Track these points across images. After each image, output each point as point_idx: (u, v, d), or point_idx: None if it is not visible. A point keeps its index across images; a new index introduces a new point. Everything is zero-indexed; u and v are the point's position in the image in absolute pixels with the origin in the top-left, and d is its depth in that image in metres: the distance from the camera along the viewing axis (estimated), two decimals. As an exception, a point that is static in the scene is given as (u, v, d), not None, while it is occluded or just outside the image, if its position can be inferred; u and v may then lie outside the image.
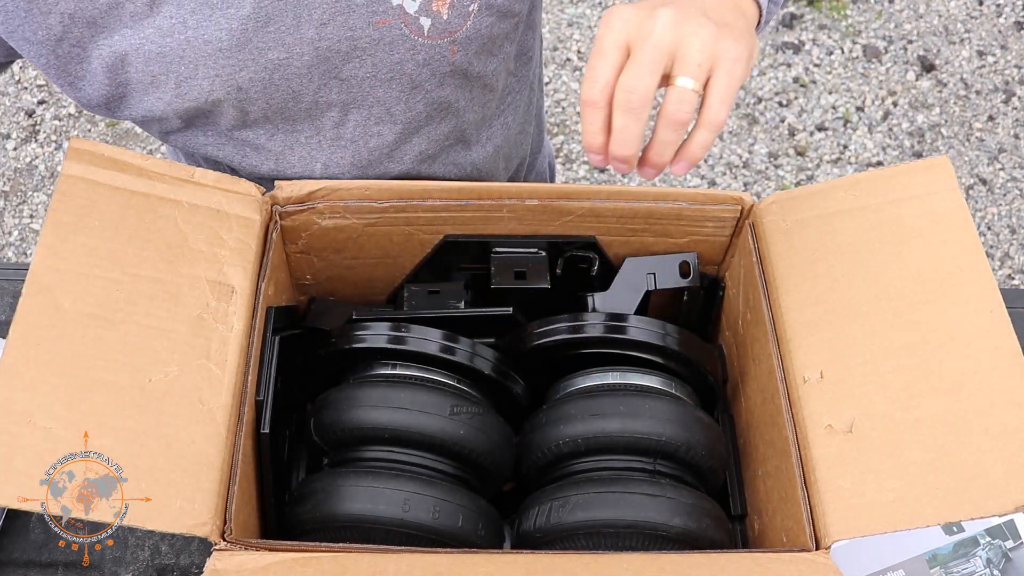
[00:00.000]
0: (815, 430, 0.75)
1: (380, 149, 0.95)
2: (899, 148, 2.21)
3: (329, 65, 0.85)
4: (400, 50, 0.85)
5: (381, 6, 0.82)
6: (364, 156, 0.96)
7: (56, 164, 2.16)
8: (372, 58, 0.85)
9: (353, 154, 0.95)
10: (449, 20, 0.84)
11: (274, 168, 0.97)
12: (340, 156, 0.95)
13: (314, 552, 0.68)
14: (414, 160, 0.99)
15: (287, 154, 0.95)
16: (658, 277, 0.87)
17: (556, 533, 0.77)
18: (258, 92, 0.86)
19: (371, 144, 0.95)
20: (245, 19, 0.80)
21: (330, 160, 0.95)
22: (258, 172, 0.98)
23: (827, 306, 0.81)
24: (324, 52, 0.84)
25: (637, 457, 0.80)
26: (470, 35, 0.86)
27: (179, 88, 0.85)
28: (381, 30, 0.83)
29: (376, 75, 0.87)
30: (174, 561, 0.90)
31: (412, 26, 0.83)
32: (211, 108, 0.88)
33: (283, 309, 0.83)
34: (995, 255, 2.08)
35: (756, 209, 0.88)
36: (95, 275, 0.76)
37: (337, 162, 0.96)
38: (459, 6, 0.83)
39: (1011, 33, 2.38)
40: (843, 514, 0.71)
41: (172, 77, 0.84)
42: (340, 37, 0.83)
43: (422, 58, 0.86)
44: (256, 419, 0.78)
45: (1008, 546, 0.94)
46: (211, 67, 0.83)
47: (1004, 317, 0.77)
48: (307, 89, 0.87)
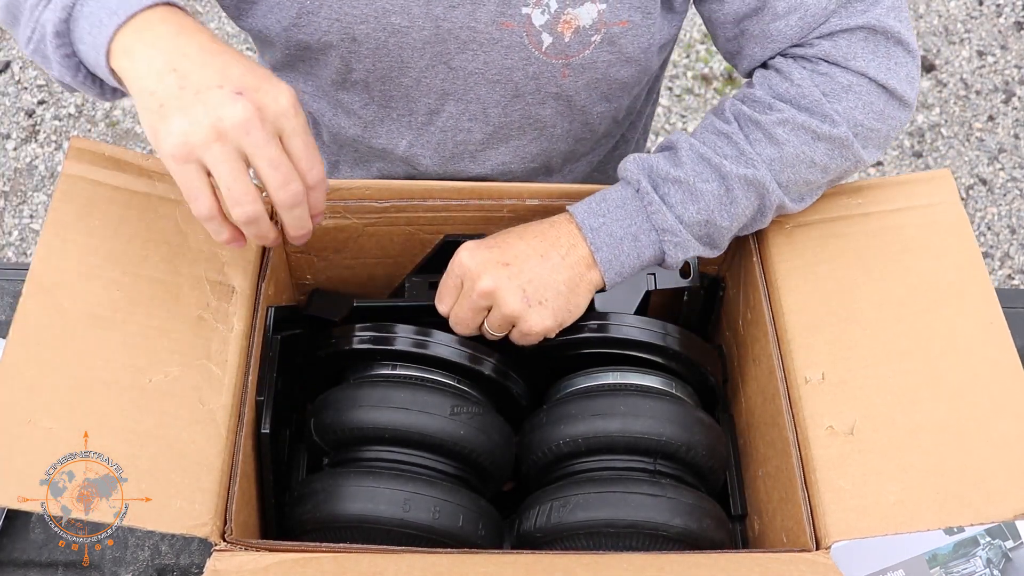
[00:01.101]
0: (816, 431, 0.75)
1: (466, 146, 0.96)
2: (899, 148, 2.21)
3: (443, 47, 0.86)
4: (514, 57, 0.86)
5: (511, 9, 0.82)
6: (449, 148, 0.96)
7: (56, 164, 2.16)
8: (486, 55, 0.86)
9: (439, 142, 0.96)
10: (569, 43, 0.85)
11: (360, 135, 0.98)
12: (426, 140, 0.96)
13: (314, 552, 0.68)
14: (495, 168, 0.99)
15: (376, 125, 0.96)
16: (658, 277, 0.87)
17: (556, 533, 0.77)
18: (369, 50, 0.86)
19: (458, 138, 0.95)
20: None
21: (415, 141, 0.96)
22: (344, 134, 0.99)
23: (829, 308, 0.81)
24: (444, 33, 0.84)
25: (638, 457, 0.80)
26: (585, 64, 0.87)
27: (299, 18, 0.85)
28: (503, 31, 0.84)
29: (484, 73, 0.88)
30: (174, 561, 0.90)
31: (533, 38, 0.84)
32: (319, 53, 0.88)
33: (284, 309, 0.83)
34: (995, 255, 2.07)
35: (756, 209, 0.88)
36: (95, 275, 0.76)
37: (422, 144, 0.96)
38: (583, 33, 0.84)
39: (1011, 33, 2.38)
40: (843, 515, 0.71)
41: (296, 5, 0.84)
42: (463, 24, 0.83)
43: (533, 71, 0.87)
44: (256, 419, 0.78)
45: (1008, 546, 0.94)
46: (335, 8, 0.83)
47: (1004, 330, 0.78)
48: (415, 64, 0.88)
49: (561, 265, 0.80)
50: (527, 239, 0.81)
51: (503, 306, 0.79)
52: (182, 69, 0.66)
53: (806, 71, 0.82)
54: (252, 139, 0.65)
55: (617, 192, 0.82)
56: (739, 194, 0.80)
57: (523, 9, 0.82)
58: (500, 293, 0.79)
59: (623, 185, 0.83)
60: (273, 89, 0.67)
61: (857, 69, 0.81)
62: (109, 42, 0.68)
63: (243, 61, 0.68)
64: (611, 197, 0.82)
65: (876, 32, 0.81)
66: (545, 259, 0.80)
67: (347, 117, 0.96)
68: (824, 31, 0.82)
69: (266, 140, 0.66)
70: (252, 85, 0.66)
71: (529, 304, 0.79)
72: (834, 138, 0.81)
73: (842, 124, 0.81)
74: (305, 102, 0.97)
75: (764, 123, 0.81)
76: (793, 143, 0.80)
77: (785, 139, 0.80)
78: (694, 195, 0.80)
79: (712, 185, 0.79)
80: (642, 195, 0.81)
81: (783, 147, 0.80)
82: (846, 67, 0.82)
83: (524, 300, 0.79)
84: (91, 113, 2.24)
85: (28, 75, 2.29)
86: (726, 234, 0.82)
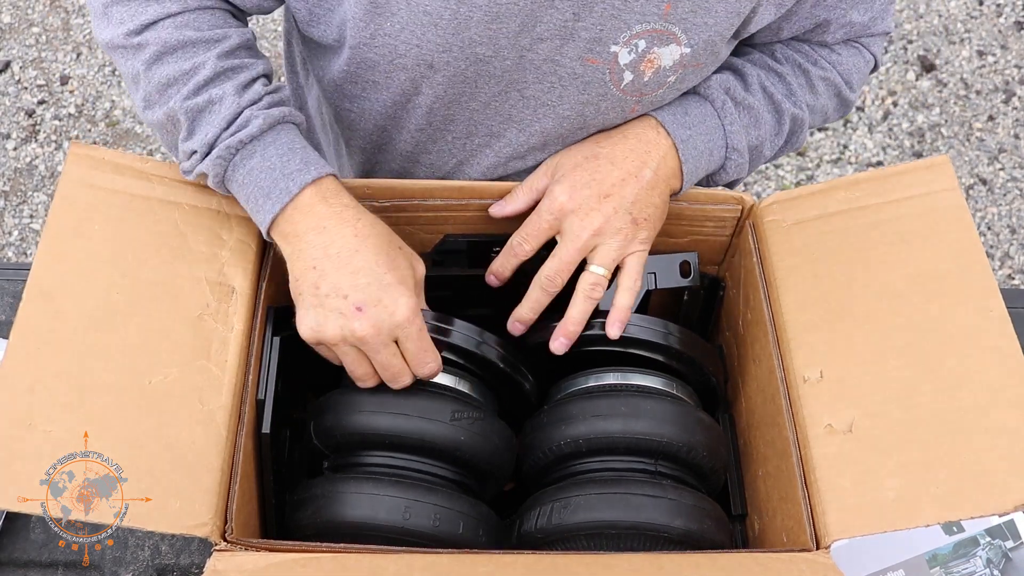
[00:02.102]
0: (815, 430, 0.75)
1: (520, 171, 0.94)
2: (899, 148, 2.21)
3: (521, 77, 0.84)
4: (592, 93, 0.85)
5: (599, 47, 0.81)
6: (498, 173, 0.94)
7: (56, 164, 2.16)
8: (563, 89, 0.84)
9: (490, 166, 0.93)
10: (647, 83, 0.84)
11: (407, 150, 0.95)
12: (476, 163, 0.93)
13: (314, 552, 0.68)
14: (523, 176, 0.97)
15: (427, 144, 0.93)
16: (658, 276, 0.87)
17: (557, 534, 0.77)
18: (444, 77, 0.84)
19: (510, 164, 0.93)
20: (475, 8, 0.78)
21: (464, 162, 0.94)
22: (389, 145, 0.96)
23: (827, 306, 0.81)
24: (525, 64, 0.83)
25: (638, 458, 0.80)
26: (655, 100, 0.87)
27: (373, 38, 0.83)
28: (587, 68, 0.82)
29: (557, 106, 0.86)
30: (174, 561, 0.90)
31: (615, 76, 0.83)
32: (385, 75, 0.86)
33: (283, 309, 0.83)
34: (995, 255, 2.08)
35: (756, 209, 0.88)
36: (96, 277, 0.76)
37: (471, 165, 0.94)
38: (661, 73, 0.84)
39: (1011, 33, 2.38)
40: (843, 514, 0.71)
41: (373, 25, 0.82)
42: (547, 58, 0.82)
43: (606, 106, 0.86)
44: (256, 419, 0.78)
45: (1008, 546, 0.94)
46: (416, 34, 0.81)
47: (1004, 316, 0.77)
48: (488, 91, 0.86)
49: (654, 180, 0.83)
50: (618, 162, 0.82)
51: (614, 240, 0.80)
52: (320, 268, 0.76)
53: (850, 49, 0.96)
54: (368, 347, 0.76)
55: (698, 107, 0.87)
56: (786, 127, 0.91)
57: (612, 48, 0.81)
58: (609, 228, 0.81)
59: (701, 100, 0.87)
60: (392, 304, 0.75)
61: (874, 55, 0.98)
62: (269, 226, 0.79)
63: (374, 268, 0.76)
64: (693, 111, 0.86)
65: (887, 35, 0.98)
66: (640, 178, 0.82)
67: (398, 133, 0.93)
68: None
69: (379, 347, 0.76)
70: (373, 299, 0.75)
71: (635, 226, 0.82)
72: (849, 104, 0.97)
73: (857, 94, 0.97)
74: (353, 119, 0.94)
75: (811, 73, 0.93)
76: (824, 97, 0.94)
77: (822, 91, 0.94)
78: (757, 122, 0.88)
79: (769, 116, 0.88)
80: (724, 113, 0.86)
81: (819, 98, 0.93)
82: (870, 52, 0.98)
83: (633, 225, 0.81)
84: (91, 113, 2.24)
85: (28, 75, 2.29)
86: (761, 163, 0.92)
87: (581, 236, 0.83)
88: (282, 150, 0.79)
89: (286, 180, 0.77)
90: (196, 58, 0.79)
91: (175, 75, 0.79)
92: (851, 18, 0.90)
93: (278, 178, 0.77)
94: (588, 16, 0.79)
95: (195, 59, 0.79)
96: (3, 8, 2.38)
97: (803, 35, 0.93)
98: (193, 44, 0.79)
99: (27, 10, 2.38)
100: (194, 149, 0.79)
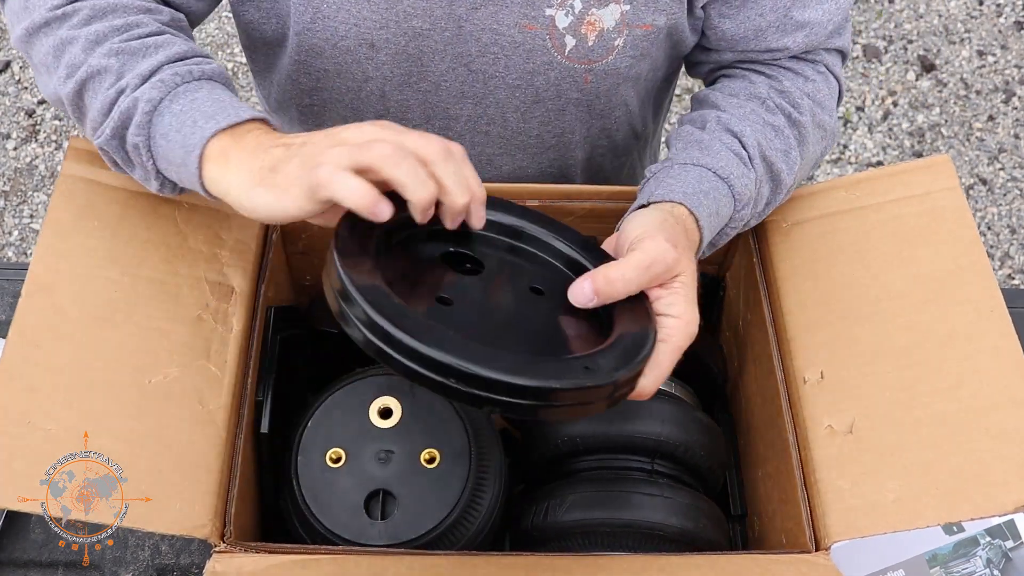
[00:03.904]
0: (815, 431, 0.75)
1: (483, 149, 0.94)
2: (899, 148, 2.20)
3: (464, 49, 0.84)
4: (536, 61, 0.85)
5: (534, 11, 0.81)
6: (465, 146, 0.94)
7: (56, 164, 2.16)
8: (507, 59, 0.85)
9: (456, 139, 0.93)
10: (592, 48, 0.84)
11: None
12: None
13: (313, 554, 0.68)
14: (511, 174, 0.98)
15: None
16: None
17: (553, 532, 0.77)
18: (388, 55, 0.85)
19: (476, 142, 0.94)
20: None
21: None
22: None
23: (828, 306, 0.81)
24: (465, 35, 0.83)
25: (635, 457, 0.80)
26: (608, 70, 0.86)
27: (314, 22, 0.83)
28: (526, 34, 0.83)
29: (505, 77, 0.86)
30: (174, 561, 0.90)
31: (556, 41, 0.83)
32: (333, 61, 0.86)
33: (283, 309, 0.83)
34: (995, 255, 2.07)
35: (756, 209, 0.88)
36: (95, 275, 0.76)
37: None
38: (606, 36, 0.83)
39: (1011, 33, 2.38)
40: (843, 515, 0.71)
41: (312, 8, 0.82)
42: (485, 26, 0.82)
43: (554, 76, 0.86)
44: (256, 420, 0.78)
45: (1008, 546, 0.94)
46: (352, 12, 0.82)
47: (1005, 316, 0.77)
48: (435, 68, 0.86)
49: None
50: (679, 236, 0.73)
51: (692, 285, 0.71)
52: (283, 142, 0.65)
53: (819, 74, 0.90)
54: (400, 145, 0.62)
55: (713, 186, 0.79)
56: (781, 197, 0.85)
57: (547, 11, 0.81)
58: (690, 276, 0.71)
59: (717, 179, 0.79)
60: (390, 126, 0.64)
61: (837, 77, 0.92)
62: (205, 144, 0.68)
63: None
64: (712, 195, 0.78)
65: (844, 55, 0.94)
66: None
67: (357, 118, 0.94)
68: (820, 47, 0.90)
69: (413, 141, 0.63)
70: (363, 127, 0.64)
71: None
72: (832, 132, 0.90)
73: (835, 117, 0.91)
74: (316, 115, 0.94)
75: (803, 124, 0.85)
76: (814, 143, 0.87)
77: (814, 141, 0.87)
78: (756, 200, 0.82)
79: (766, 188, 0.83)
80: (737, 197, 0.79)
81: (811, 148, 0.87)
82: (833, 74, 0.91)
83: None
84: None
85: (28, 75, 2.29)
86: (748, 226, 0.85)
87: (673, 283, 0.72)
88: (231, 96, 0.73)
89: (236, 109, 0.70)
90: (131, 17, 0.76)
91: (107, 31, 0.74)
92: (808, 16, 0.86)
93: (226, 106, 0.70)
94: None
95: (130, 18, 0.76)
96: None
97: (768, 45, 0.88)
98: (126, 9, 0.77)
99: (27, 10, 2.38)
100: (123, 87, 0.72)
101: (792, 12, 0.85)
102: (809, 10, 0.86)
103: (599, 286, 0.65)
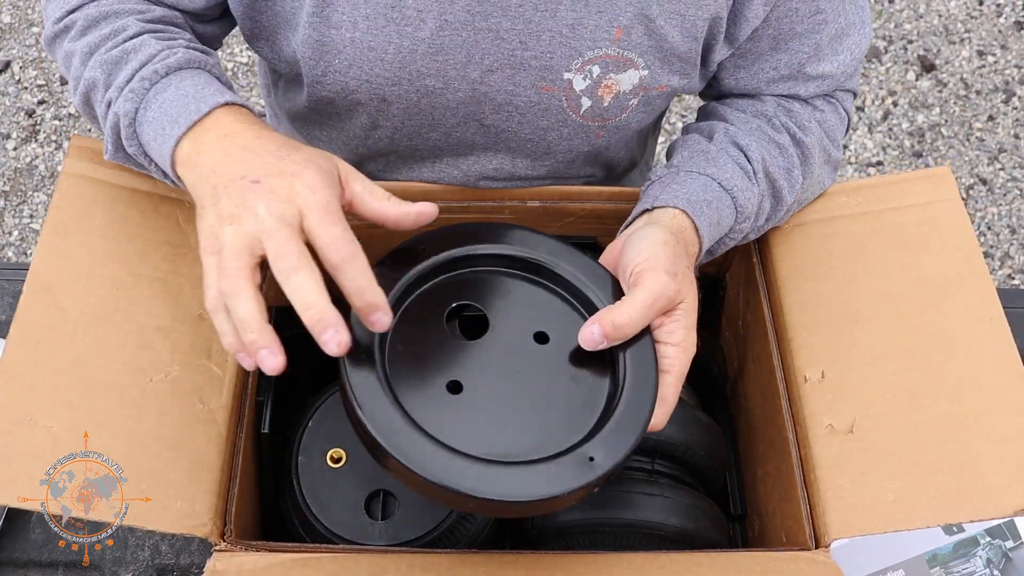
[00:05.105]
0: (816, 430, 0.75)
1: (488, 182, 0.93)
2: (899, 148, 2.20)
3: (478, 108, 0.84)
4: (551, 119, 0.85)
5: (552, 75, 0.81)
6: (472, 182, 0.94)
7: (56, 164, 2.16)
8: (521, 117, 0.85)
9: (462, 177, 0.93)
10: (608, 108, 0.84)
11: (378, 173, 0.95)
12: (448, 176, 0.93)
13: (314, 553, 0.68)
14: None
15: (398, 165, 0.93)
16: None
17: (553, 531, 0.77)
18: (399, 110, 0.85)
19: (484, 175, 0.93)
20: (418, 42, 0.79)
21: (437, 176, 0.93)
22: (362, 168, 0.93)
23: (829, 307, 0.81)
24: (479, 96, 0.83)
25: (635, 457, 0.80)
26: (620, 126, 0.87)
27: (325, 76, 0.83)
28: (542, 96, 0.82)
29: (518, 132, 0.86)
30: (174, 561, 0.90)
31: (572, 102, 0.83)
32: (344, 109, 0.87)
33: (284, 309, 0.83)
34: (995, 255, 2.07)
35: (756, 209, 0.88)
36: (96, 274, 0.76)
37: (443, 179, 0.93)
38: (621, 98, 0.83)
39: (1011, 33, 2.38)
40: (843, 513, 0.71)
41: (323, 64, 0.82)
42: (501, 88, 0.82)
43: (568, 133, 0.86)
44: (256, 419, 0.78)
45: (1008, 546, 0.94)
46: (365, 70, 0.81)
47: (1004, 326, 0.77)
48: (446, 122, 0.86)
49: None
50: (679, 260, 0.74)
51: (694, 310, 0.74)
52: (220, 169, 0.66)
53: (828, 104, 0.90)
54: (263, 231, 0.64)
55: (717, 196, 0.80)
56: (781, 215, 0.85)
57: (565, 75, 0.81)
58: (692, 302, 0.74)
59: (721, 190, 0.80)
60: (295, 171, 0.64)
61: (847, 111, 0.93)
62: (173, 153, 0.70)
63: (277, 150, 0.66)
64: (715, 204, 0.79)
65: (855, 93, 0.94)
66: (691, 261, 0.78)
67: (369, 159, 0.94)
68: None
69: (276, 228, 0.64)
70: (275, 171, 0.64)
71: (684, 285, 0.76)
72: (835, 163, 0.90)
73: (840, 149, 0.91)
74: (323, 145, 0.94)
75: (807, 145, 0.85)
76: (819, 167, 0.87)
77: (818, 164, 0.87)
78: (757, 214, 0.83)
79: (767, 203, 0.83)
80: (739, 210, 0.80)
81: (815, 171, 0.86)
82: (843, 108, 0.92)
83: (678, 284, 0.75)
84: (91, 113, 2.24)
85: (28, 75, 2.29)
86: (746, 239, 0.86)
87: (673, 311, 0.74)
88: (200, 81, 0.73)
89: (197, 103, 0.70)
90: (118, 22, 0.78)
91: (97, 41, 0.77)
92: (822, 70, 0.87)
93: (189, 102, 0.70)
94: (536, 45, 0.79)
95: (117, 23, 0.78)
96: (3, 8, 2.38)
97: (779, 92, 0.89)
98: (116, 14, 0.79)
99: (27, 10, 2.38)
100: (110, 100, 0.74)
101: (806, 67, 0.86)
102: (824, 64, 0.87)
103: (607, 331, 0.68)
